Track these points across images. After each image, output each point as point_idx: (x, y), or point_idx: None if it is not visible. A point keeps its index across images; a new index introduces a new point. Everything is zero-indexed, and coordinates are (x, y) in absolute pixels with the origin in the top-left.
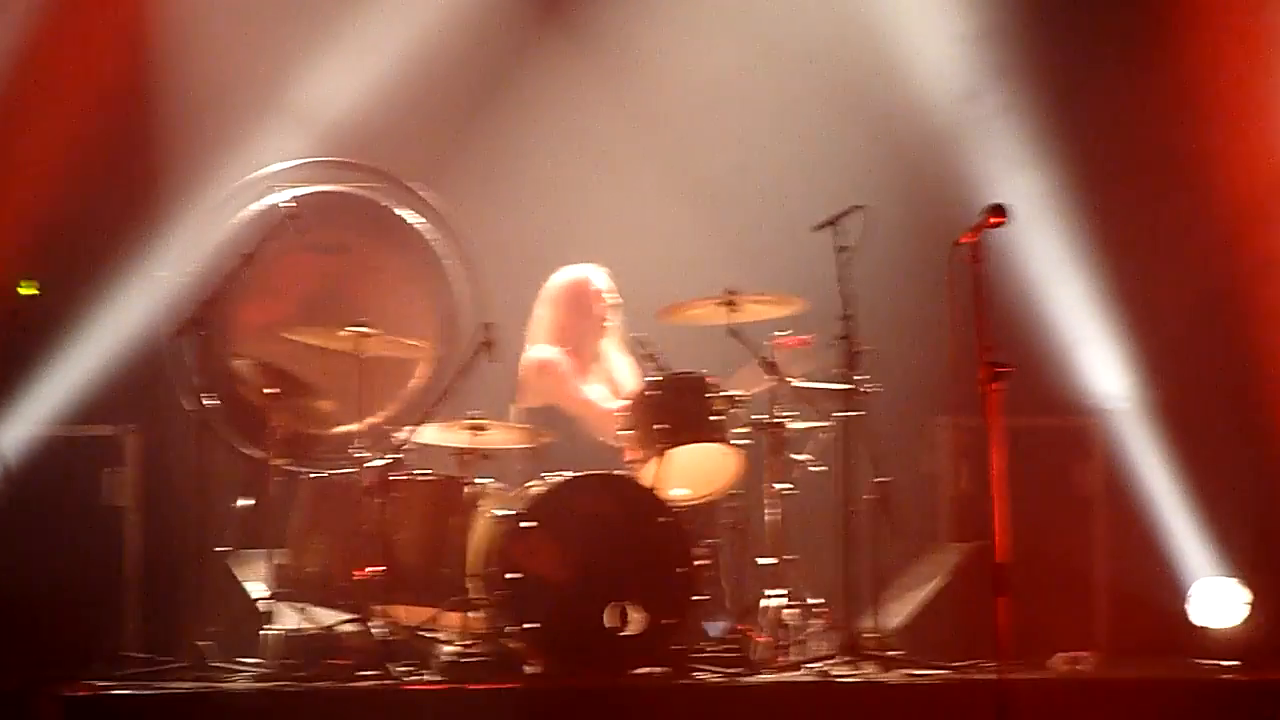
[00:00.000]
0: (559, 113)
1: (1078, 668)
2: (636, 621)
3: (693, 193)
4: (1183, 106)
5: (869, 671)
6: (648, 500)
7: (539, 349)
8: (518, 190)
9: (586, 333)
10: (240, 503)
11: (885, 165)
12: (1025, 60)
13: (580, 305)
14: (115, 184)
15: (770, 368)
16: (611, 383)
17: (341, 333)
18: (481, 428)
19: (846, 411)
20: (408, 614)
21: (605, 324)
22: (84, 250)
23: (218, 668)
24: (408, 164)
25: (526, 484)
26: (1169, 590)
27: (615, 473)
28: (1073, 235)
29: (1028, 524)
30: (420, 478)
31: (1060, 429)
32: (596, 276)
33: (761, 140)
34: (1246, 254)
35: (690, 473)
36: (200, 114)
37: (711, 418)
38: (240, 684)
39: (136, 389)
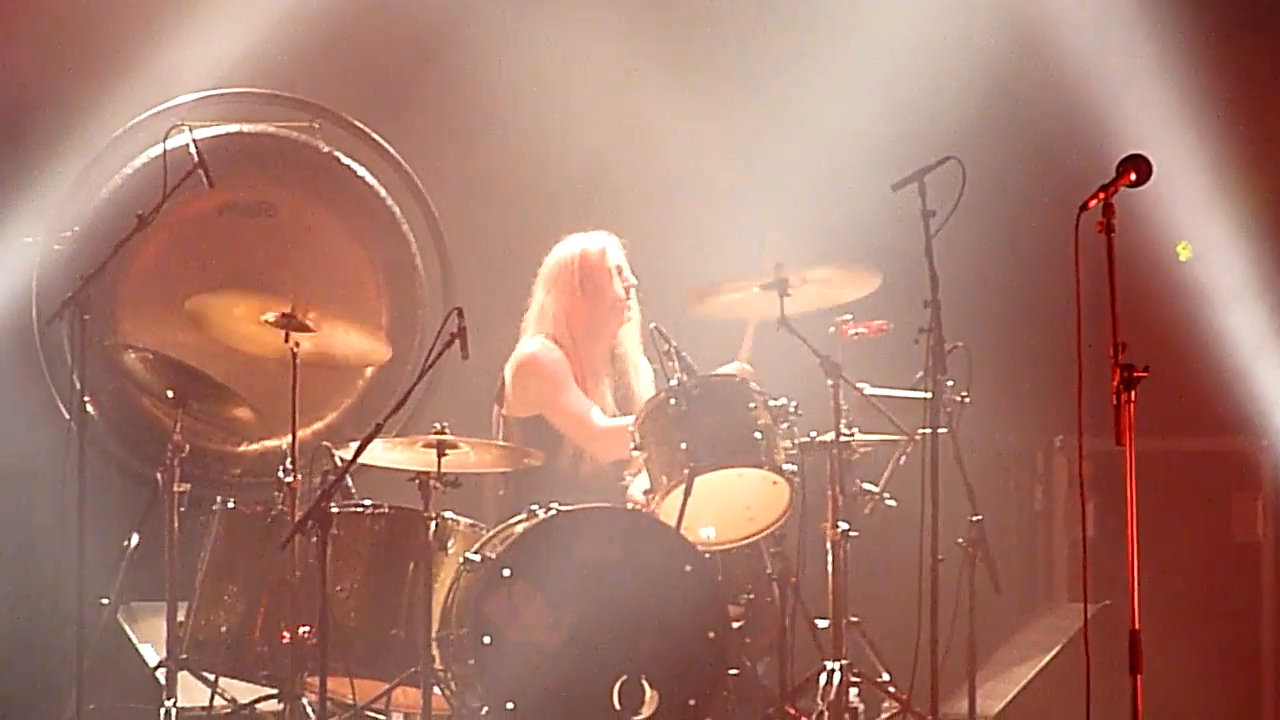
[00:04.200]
0: (558, 33)
1: None
2: (652, 702)
3: (732, 139)
4: None
5: None
6: (668, 543)
7: (531, 342)
8: (501, 134)
9: (598, 322)
10: (131, 540)
11: (988, 107)
12: None
13: (590, 285)
14: None
15: (833, 368)
16: (627, 393)
17: (266, 318)
18: (451, 445)
19: (931, 428)
20: (350, 689)
21: (625, 311)
22: None
23: None
24: (355, 99)
25: (508, 520)
26: None
27: (625, 507)
28: (1235, 204)
29: (1172, 578)
30: (369, 510)
31: (1216, 454)
32: (612, 247)
33: (824, 71)
34: None
35: (724, 508)
36: (81, 29)
37: (753, 435)
38: None
39: None
